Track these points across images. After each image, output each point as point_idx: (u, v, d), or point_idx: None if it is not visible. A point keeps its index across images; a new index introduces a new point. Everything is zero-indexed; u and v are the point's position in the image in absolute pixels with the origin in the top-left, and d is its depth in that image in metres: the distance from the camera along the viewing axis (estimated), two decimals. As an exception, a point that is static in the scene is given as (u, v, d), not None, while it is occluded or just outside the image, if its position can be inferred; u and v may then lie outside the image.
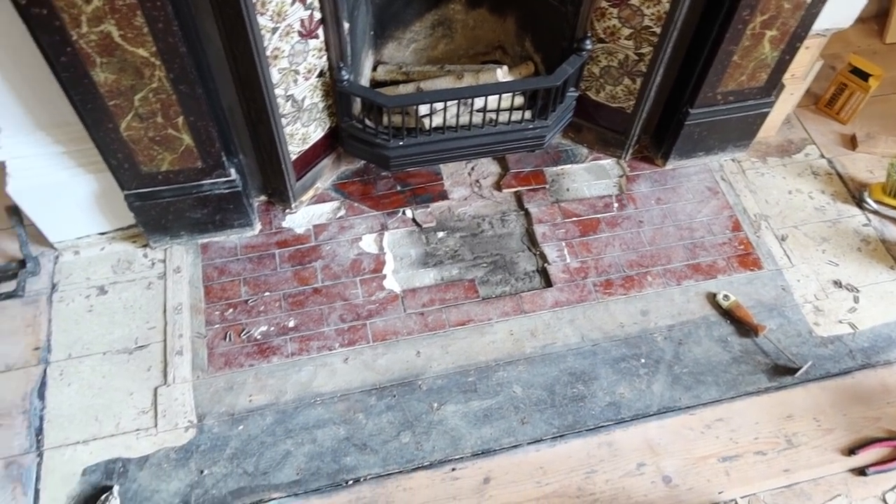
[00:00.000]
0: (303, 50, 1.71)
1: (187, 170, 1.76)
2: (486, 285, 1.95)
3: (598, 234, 2.05)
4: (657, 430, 1.73)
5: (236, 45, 1.58)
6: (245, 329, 1.84)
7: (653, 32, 1.83)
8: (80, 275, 1.94)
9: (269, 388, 1.75)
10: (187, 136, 1.68)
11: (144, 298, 1.89)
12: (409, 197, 2.10)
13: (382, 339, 1.83)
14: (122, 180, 1.76)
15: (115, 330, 1.84)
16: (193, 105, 1.60)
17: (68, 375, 1.77)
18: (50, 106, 1.64)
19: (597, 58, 1.97)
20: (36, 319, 1.85)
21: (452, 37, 2.19)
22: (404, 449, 1.67)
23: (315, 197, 2.09)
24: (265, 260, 1.96)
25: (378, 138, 1.92)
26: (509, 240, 2.04)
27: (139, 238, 1.99)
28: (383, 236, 2.02)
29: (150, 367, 1.78)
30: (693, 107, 2.00)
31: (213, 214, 1.91)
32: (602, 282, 1.95)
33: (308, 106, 1.85)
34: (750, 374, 1.82)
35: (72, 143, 1.73)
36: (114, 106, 1.56)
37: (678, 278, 1.97)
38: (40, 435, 1.68)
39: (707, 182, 2.18)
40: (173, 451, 1.66)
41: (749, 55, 1.88)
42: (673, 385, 1.79)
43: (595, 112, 2.13)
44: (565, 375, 1.80)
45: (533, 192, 2.13)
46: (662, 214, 2.10)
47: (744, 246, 2.04)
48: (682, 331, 1.88)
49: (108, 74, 1.49)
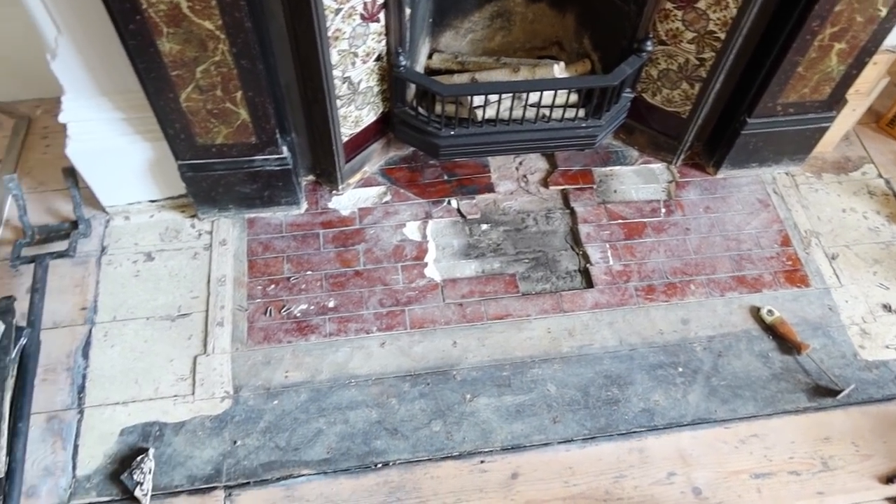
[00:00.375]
0: (363, 33, 1.71)
1: (241, 144, 1.78)
2: (527, 281, 1.94)
3: (644, 238, 2.03)
4: (690, 440, 1.71)
5: (299, 23, 1.59)
6: (285, 306, 1.86)
7: (717, 38, 1.80)
8: (128, 240, 1.98)
9: (306, 365, 1.77)
10: (244, 111, 1.69)
11: (189, 268, 1.93)
12: (455, 187, 2.10)
13: (420, 326, 1.84)
14: (176, 150, 1.79)
15: (160, 296, 1.88)
16: (253, 81, 1.62)
17: (112, 337, 1.81)
18: (114, 72, 1.67)
19: (656, 60, 1.95)
20: (84, 280, 1.90)
21: (510, 29, 2.17)
22: (434, 437, 1.68)
23: (362, 180, 2.10)
24: (309, 239, 1.98)
25: (429, 126, 1.92)
26: (553, 237, 2.03)
27: (188, 208, 2.02)
28: (427, 224, 2.03)
29: (191, 336, 1.81)
30: (751, 116, 1.96)
31: (262, 190, 1.93)
32: (644, 287, 1.93)
33: (363, 89, 1.85)
34: (789, 393, 1.78)
35: (132, 110, 1.77)
36: (176, 76, 1.58)
37: (722, 289, 1.94)
38: (82, 393, 1.72)
39: (758, 194, 2.14)
40: (208, 419, 1.69)
41: (814, 67, 1.84)
42: (709, 397, 1.77)
43: (649, 115, 2.10)
44: (600, 378, 1.78)
45: (580, 192, 2.11)
46: (710, 223, 2.07)
47: (792, 262, 2.00)
48: (722, 343, 1.86)
49: (174, 45, 1.51)
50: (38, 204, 2.04)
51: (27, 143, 2.20)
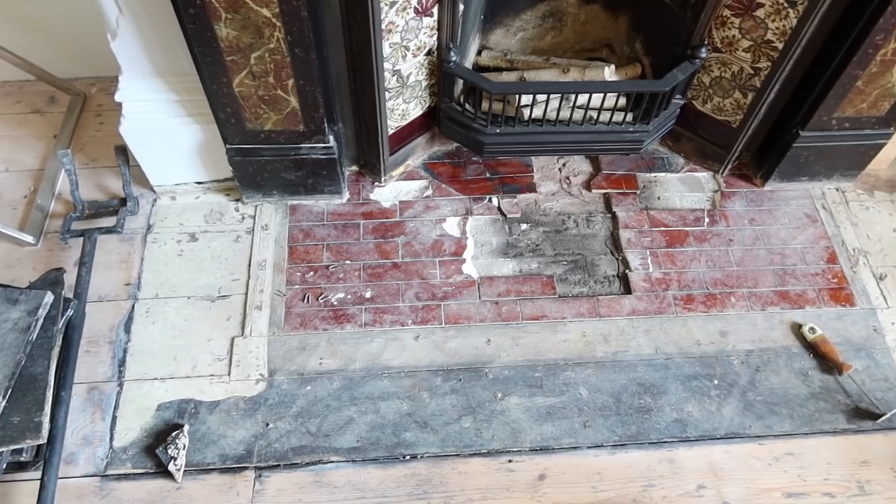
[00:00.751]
0: (416, 27, 1.71)
1: (289, 131, 1.81)
2: (564, 283, 1.93)
3: (685, 247, 2.00)
4: (722, 454, 1.69)
5: (354, 14, 1.60)
6: (323, 293, 1.88)
7: (774, 47, 1.76)
8: (174, 220, 2.02)
9: (340, 354, 1.79)
10: (294, 99, 1.71)
11: (231, 250, 1.96)
12: (497, 185, 2.10)
13: (455, 322, 1.84)
14: (226, 134, 1.81)
15: (201, 277, 1.91)
16: (305, 69, 1.64)
17: (153, 314, 1.85)
18: (170, 55, 1.71)
19: (709, 67, 1.91)
20: (130, 256, 1.94)
21: (561, 30, 2.16)
22: (464, 433, 1.68)
23: (405, 173, 2.11)
24: (349, 229, 2.00)
25: (475, 123, 1.92)
26: (593, 241, 2.02)
27: (233, 192, 2.05)
28: (467, 221, 2.03)
29: (230, 318, 1.85)
30: (804, 129, 1.92)
31: (307, 178, 1.95)
32: (683, 296, 1.91)
33: (412, 83, 1.86)
34: (828, 413, 1.75)
35: (185, 92, 1.80)
36: (231, 62, 1.61)
37: (763, 303, 1.91)
38: (122, 366, 1.76)
39: (806, 209, 2.10)
40: (243, 400, 1.72)
41: (874, 82, 1.79)
42: (744, 411, 1.74)
43: (698, 122, 2.07)
44: (634, 385, 1.77)
45: (622, 196, 2.09)
46: (755, 236, 2.03)
47: (837, 280, 1.96)
48: (760, 357, 1.82)
49: (231, 30, 1.53)
50: (89, 180, 2.10)
51: (81, 119, 2.25)
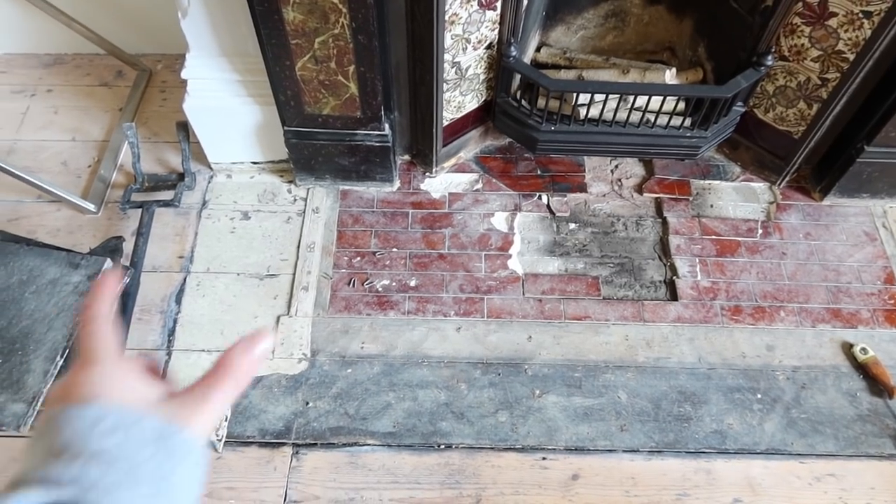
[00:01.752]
0: (479, 20, 1.72)
1: (346, 117, 1.83)
2: (610, 285, 1.92)
3: (736, 257, 1.96)
4: (761, 469, 1.66)
5: (418, 4, 1.61)
6: (369, 279, 1.90)
7: (844, 58, 1.72)
8: (228, 197, 2.06)
9: (382, 339, 1.81)
10: (354, 85, 1.74)
11: (282, 231, 2.00)
12: (547, 183, 2.09)
13: (497, 316, 1.85)
14: (284, 116, 1.85)
15: (251, 255, 1.96)
16: (367, 56, 1.66)
17: (204, 287, 1.90)
18: (237, 35, 1.74)
19: (774, 75, 1.87)
20: (184, 230, 2.00)
21: (623, 30, 2.13)
22: (499, 427, 1.69)
23: (456, 166, 2.12)
24: (398, 217, 2.02)
25: (531, 119, 1.91)
26: (641, 245, 2.00)
27: (287, 174, 2.09)
28: (515, 217, 2.03)
29: (277, 296, 1.88)
30: (870, 144, 1.87)
31: (360, 164, 1.97)
32: (731, 307, 1.88)
33: (470, 75, 1.86)
34: (875, 437, 1.70)
35: (248, 73, 1.84)
36: (295, 45, 1.64)
37: (814, 320, 1.86)
38: (172, 336, 1.82)
39: (865, 226, 2.04)
40: (285, 378, 1.75)
41: (948, 99, 1.73)
42: (787, 428, 1.71)
43: (757, 131, 2.03)
44: (674, 392, 1.75)
45: (674, 202, 2.06)
46: (809, 251, 1.99)
47: (894, 301, 1.90)
48: (807, 375, 1.78)
49: (298, 14, 1.56)
50: (150, 153, 2.16)
51: (146, 95, 2.32)
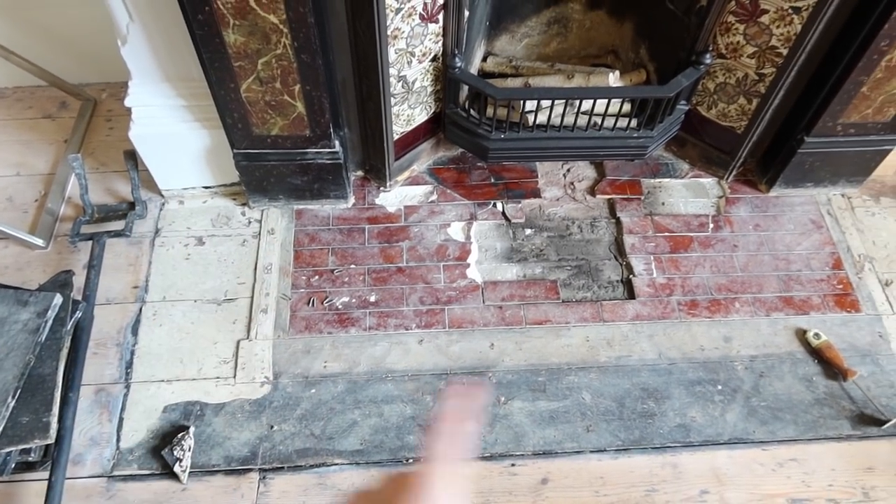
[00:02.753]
0: (422, 33, 1.73)
1: (295, 137, 1.82)
2: (568, 288, 1.94)
3: (690, 252, 2.00)
4: (725, 459, 1.68)
5: (360, 20, 1.62)
6: (328, 297, 1.89)
7: (778, 53, 1.77)
8: (181, 223, 2.04)
9: (344, 357, 1.80)
10: (301, 105, 1.73)
11: (238, 254, 1.98)
12: (501, 190, 2.11)
13: (458, 326, 1.85)
14: (233, 139, 1.83)
15: (208, 280, 1.93)
16: (311, 75, 1.66)
17: (161, 317, 1.87)
18: (179, 60, 1.73)
19: (714, 73, 1.92)
20: (138, 260, 1.96)
21: (566, 36, 2.17)
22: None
23: (410, 179, 2.13)
24: (354, 233, 2.01)
25: (480, 128, 1.93)
26: (597, 246, 2.02)
27: (240, 196, 2.07)
28: (471, 226, 2.04)
29: (236, 321, 1.86)
30: (809, 135, 1.92)
31: (312, 183, 1.97)
32: (687, 301, 1.91)
33: (417, 88, 1.87)
34: (832, 419, 1.74)
35: (193, 97, 1.82)
36: (238, 67, 1.63)
37: (768, 309, 1.91)
38: (130, 368, 1.78)
39: (811, 214, 2.10)
40: (248, 403, 1.73)
41: (880, 88, 1.79)
42: (748, 417, 1.74)
43: (702, 128, 2.08)
44: (637, 390, 1.77)
45: (627, 202, 2.10)
46: (759, 242, 2.03)
47: (843, 286, 1.96)
48: (764, 363, 1.82)
49: (239, 36, 1.55)
50: (98, 184, 2.12)
51: (92, 125, 2.28)
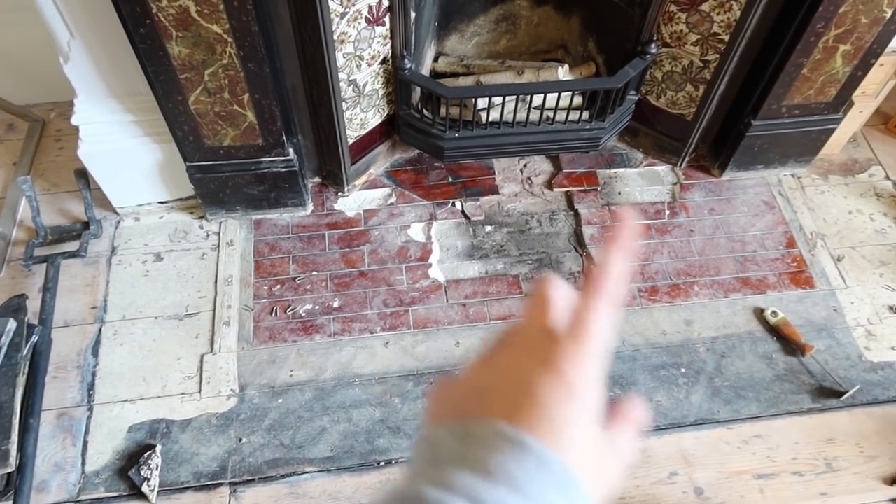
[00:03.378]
0: (369, 36, 1.73)
1: (248, 146, 1.81)
2: (530, 282, 1.95)
3: (648, 239, 2.03)
4: (692, 440, 1.71)
5: (305, 27, 1.61)
6: (291, 305, 1.88)
7: (721, 40, 1.81)
8: (138, 240, 2.01)
9: (310, 364, 1.79)
10: (251, 114, 1.72)
11: (197, 268, 1.96)
12: (459, 189, 2.12)
13: (423, 326, 1.86)
14: (185, 152, 1.82)
15: (168, 296, 1.91)
16: (260, 83, 1.65)
17: (121, 336, 1.84)
18: (124, 75, 1.71)
19: (660, 62, 1.95)
20: (95, 280, 1.93)
21: (515, 33, 2.19)
22: (437, 436, 1.69)
23: (368, 182, 2.13)
24: (315, 240, 2.00)
25: (434, 129, 1.94)
26: (556, 239, 2.04)
27: (196, 209, 2.05)
28: (431, 226, 2.04)
29: (199, 335, 1.84)
30: (756, 118, 1.97)
31: (269, 192, 1.96)
32: (648, 288, 1.94)
33: (369, 92, 1.88)
34: (793, 394, 1.78)
35: (141, 112, 1.80)
36: (185, 79, 1.61)
37: (726, 291, 1.94)
38: (92, 390, 1.75)
39: (764, 196, 2.14)
40: (214, 417, 1.71)
41: (819, 69, 1.84)
42: (712, 397, 1.77)
43: (653, 117, 2.11)
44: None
45: (584, 194, 2.12)
46: (715, 225, 2.07)
47: (797, 263, 2.00)
48: (725, 344, 1.86)
49: (183, 48, 1.54)
50: (50, 205, 2.09)
51: (41, 145, 2.24)
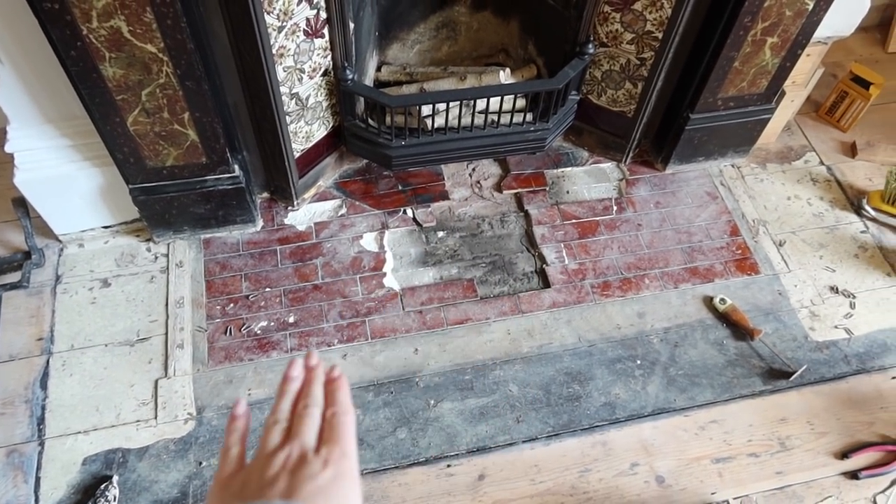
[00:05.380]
0: (308, 49, 1.73)
1: (192, 165, 1.79)
2: (485, 285, 1.97)
3: (597, 236, 2.07)
4: (651, 430, 1.75)
5: (243, 42, 1.60)
6: (245, 324, 1.86)
7: (655, 37, 1.85)
8: (84, 267, 1.96)
9: (268, 382, 1.77)
10: (192, 132, 1.70)
11: (147, 292, 1.92)
12: (410, 196, 2.13)
13: (381, 336, 1.85)
14: (127, 174, 1.78)
15: (118, 322, 1.86)
16: (199, 101, 1.63)
17: (70, 366, 1.79)
18: (58, 99, 1.67)
19: (599, 62, 2.00)
20: (40, 310, 1.88)
21: (456, 39, 2.21)
22: (400, 445, 1.69)
23: (317, 195, 2.11)
24: (266, 256, 1.98)
25: (380, 138, 1.94)
26: (508, 240, 2.06)
27: (143, 232, 2.01)
28: (384, 235, 2.04)
29: (151, 360, 1.80)
30: (693, 112, 2.02)
31: (216, 210, 1.93)
32: (600, 284, 1.97)
33: (312, 104, 1.87)
34: (745, 378, 1.83)
35: (79, 136, 1.76)
36: (121, 101, 1.58)
37: (675, 281, 1.99)
38: (42, 424, 1.70)
39: (706, 187, 2.20)
40: (172, 442, 1.68)
41: (750, 62, 1.90)
42: (668, 387, 1.81)
43: (596, 115, 2.15)
44: (561, 375, 1.81)
45: (533, 194, 2.15)
46: (661, 218, 2.12)
47: (741, 251, 2.06)
48: (678, 333, 1.90)
49: (117, 69, 1.51)
50: (-11, 236, 2.02)
51: (-25, 175, 2.17)
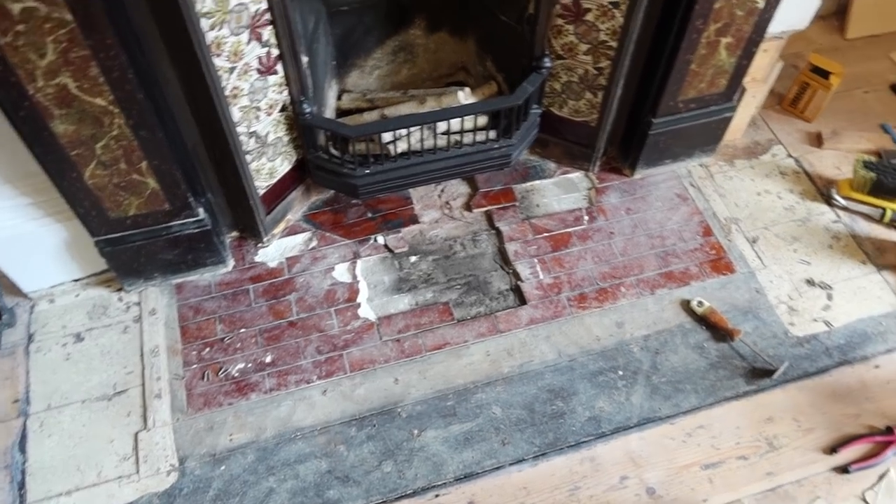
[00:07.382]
0: (263, 87, 1.72)
1: (155, 213, 1.77)
2: (461, 307, 1.95)
3: (570, 248, 2.06)
4: (638, 441, 1.74)
5: (194, 87, 1.59)
6: (222, 367, 1.84)
7: (609, 46, 1.85)
8: (56, 323, 1.94)
9: (249, 425, 1.75)
10: (152, 180, 1.68)
11: (121, 343, 1.89)
12: (380, 223, 2.11)
13: (360, 368, 1.84)
14: (90, 227, 1.76)
15: (93, 377, 1.84)
16: (155, 149, 1.61)
17: (48, 426, 1.76)
18: (13, 158, 1.65)
19: (557, 74, 1.99)
20: (13, 372, 1.85)
21: (415, 61, 2.20)
22: (387, 478, 1.67)
23: (287, 229, 2.10)
24: (239, 296, 1.96)
25: (345, 167, 1.93)
26: (482, 260, 2.05)
27: (113, 282, 1.99)
28: (356, 264, 2.03)
29: (130, 413, 1.78)
30: (655, 116, 2.02)
31: (185, 254, 1.91)
32: (576, 296, 1.96)
33: (272, 140, 1.86)
34: (728, 379, 1.82)
35: (38, 193, 1.74)
36: (76, 155, 1.57)
37: (652, 287, 1.98)
38: (23, 489, 1.67)
39: (676, 189, 2.20)
40: (156, 496, 1.65)
41: (706, 63, 1.90)
42: (652, 395, 1.80)
43: (560, 127, 2.15)
44: (544, 393, 1.80)
45: (503, 211, 2.14)
46: (633, 224, 2.12)
47: (715, 251, 2.06)
48: (658, 340, 1.89)
49: (68, 125, 1.50)
50: (-43, 299, 1.99)
51: (-60, 237, 2.14)
